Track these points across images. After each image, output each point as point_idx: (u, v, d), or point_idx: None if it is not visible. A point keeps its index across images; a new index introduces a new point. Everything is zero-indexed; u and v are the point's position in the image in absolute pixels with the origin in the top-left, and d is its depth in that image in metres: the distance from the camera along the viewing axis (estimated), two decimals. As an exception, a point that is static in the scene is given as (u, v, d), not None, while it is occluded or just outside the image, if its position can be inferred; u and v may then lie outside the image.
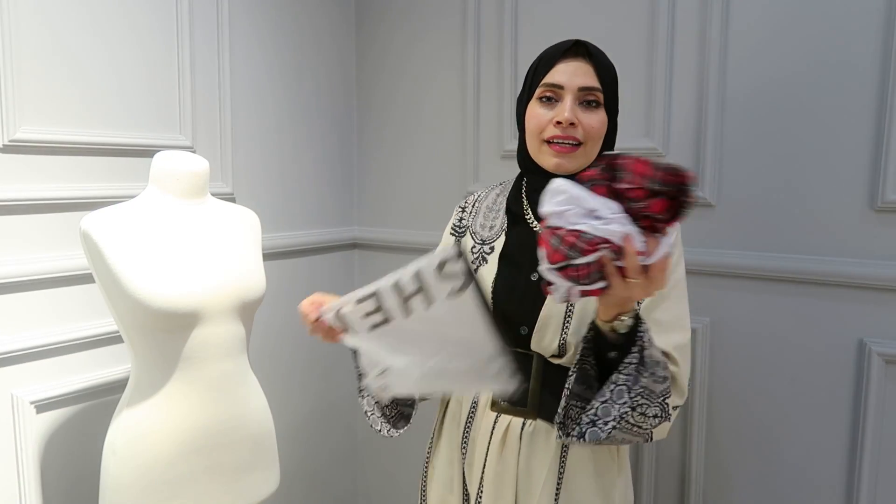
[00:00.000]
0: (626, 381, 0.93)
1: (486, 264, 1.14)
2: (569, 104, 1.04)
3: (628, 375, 0.93)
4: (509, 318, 1.08)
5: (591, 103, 1.05)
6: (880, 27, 1.30)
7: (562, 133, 1.04)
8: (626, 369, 0.93)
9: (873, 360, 1.34)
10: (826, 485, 1.42)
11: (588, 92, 1.05)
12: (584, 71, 1.05)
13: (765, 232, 1.44)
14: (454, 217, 1.26)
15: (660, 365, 0.95)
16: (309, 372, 2.05)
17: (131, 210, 1.24)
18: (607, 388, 0.94)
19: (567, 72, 1.05)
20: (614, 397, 0.94)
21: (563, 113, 1.03)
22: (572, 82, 1.05)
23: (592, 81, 1.05)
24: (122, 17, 1.50)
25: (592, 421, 0.95)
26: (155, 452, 1.21)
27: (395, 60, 2.04)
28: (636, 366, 0.93)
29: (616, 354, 0.95)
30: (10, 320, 1.35)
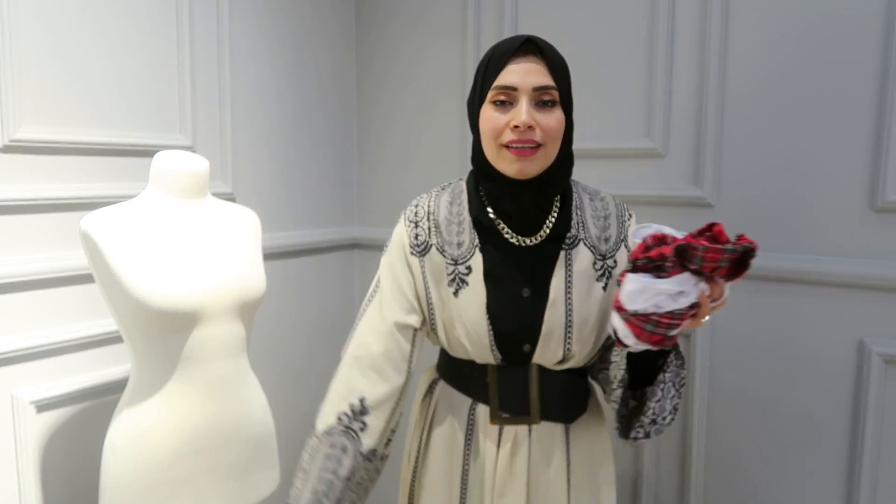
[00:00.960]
0: (672, 377, 1.00)
1: (468, 286, 1.06)
2: (524, 106, 0.97)
3: (672, 372, 0.99)
4: (510, 338, 1.06)
5: (547, 103, 0.98)
6: (880, 27, 1.30)
7: (519, 137, 0.97)
8: (670, 367, 0.99)
9: (873, 360, 1.34)
10: (826, 485, 1.42)
11: (543, 91, 0.98)
12: (536, 70, 0.98)
13: (765, 232, 1.44)
14: (406, 235, 1.11)
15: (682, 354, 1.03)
16: (309, 372, 2.05)
17: (131, 210, 1.24)
18: (658, 388, 1.00)
19: (519, 72, 0.98)
20: (665, 394, 1.00)
21: (521, 116, 0.96)
22: (526, 82, 0.97)
23: (547, 80, 0.98)
24: (123, 17, 1.50)
25: (653, 420, 1.01)
26: (155, 452, 1.21)
27: (395, 60, 2.04)
28: (677, 361, 1.00)
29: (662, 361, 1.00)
30: (10, 320, 1.35)
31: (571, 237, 1.07)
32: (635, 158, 1.58)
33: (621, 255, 1.09)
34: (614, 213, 1.11)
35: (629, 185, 1.59)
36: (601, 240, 1.08)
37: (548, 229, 1.06)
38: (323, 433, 1.11)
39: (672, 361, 0.99)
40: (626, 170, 1.57)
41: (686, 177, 1.53)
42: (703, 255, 0.84)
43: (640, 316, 0.88)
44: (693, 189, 1.52)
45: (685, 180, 1.53)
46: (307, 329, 2.04)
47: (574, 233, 1.07)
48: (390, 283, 1.11)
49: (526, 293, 1.05)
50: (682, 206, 1.52)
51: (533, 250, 1.06)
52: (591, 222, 1.09)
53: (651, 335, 0.89)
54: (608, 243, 1.09)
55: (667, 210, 1.53)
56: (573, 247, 1.06)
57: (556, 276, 1.05)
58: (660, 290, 0.86)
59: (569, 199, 1.08)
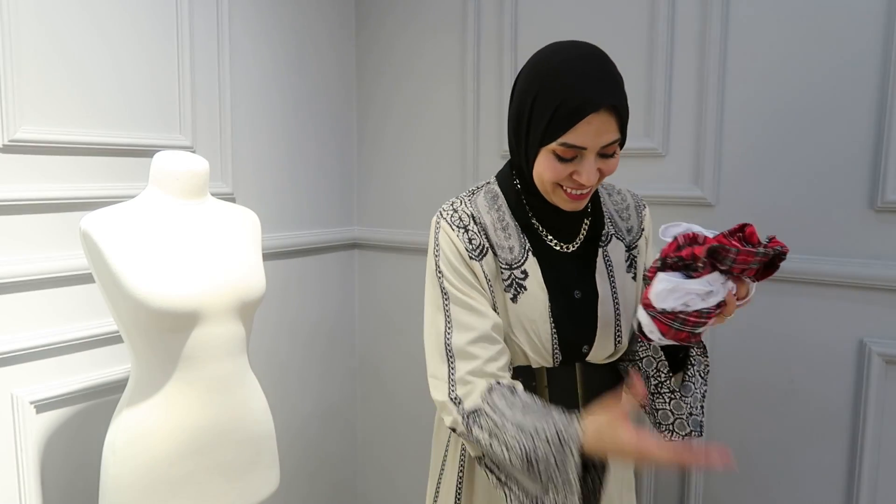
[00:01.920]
0: (699, 369, 1.06)
1: (526, 291, 1.04)
2: (591, 165, 0.95)
3: (698, 363, 1.05)
4: (572, 340, 1.07)
5: (611, 154, 0.97)
6: (880, 27, 1.30)
7: (576, 186, 0.98)
8: (696, 359, 1.05)
9: (873, 360, 1.34)
10: (826, 485, 1.42)
11: (610, 146, 0.96)
12: (607, 129, 0.93)
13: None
14: (458, 241, 1.05)
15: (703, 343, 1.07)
16: (309, 372, 2.05)
17: (131, 210, 1.24)
18: (690, 384, 1.05)
19: (590, 133, 0.93)
20: (697, 387, 1.05)
21: (587, 176, 0.95)
22: (596, 143, 0.94)
23: (616, 135, 0.95)
24: (123, 17, 1.50)
25: (690, 413, 1.05)
26: (155, 452, 1.21)
27: (396, 60, 2.04)
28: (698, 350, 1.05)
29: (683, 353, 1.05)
30: (10, 320, 1.35)
31: (606, 234, 1.11)
32: (635, 158, 1.58)
33: (641, 244, 1.14)
34: (632, 204, 1.17)
35: (629, 185, 1.57)
36: (626, 231, 1.13)
37: (584, 232, 1.10)
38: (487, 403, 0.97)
39: (696, 354, 1.04)
40: (626, 170, 1.56)
41: (686, 177, 1.53)
42: (735, 258, 0.86)
43: (668, 314, 0.89)
44: (693, 189, 1.52)
45: (685, 180, 1.53)
46: (307, 329, 2.04)
47: (607, 230, 1.11)
48: (466, 289, 1.04)
49: (577, 295, 1.07)
50: (682, 206, 1.52)
51: (574, 254, 1.09)
52: (616, 216, 1.14)
53: (678, 332, 0.91)
54: (631, 234, 1.13)
55: (667, 210, 1.53)
56: (608, 243, 1.11)
57: (600, 275, 1.08)
58: (690, 290, 0.87)
59: (597, 200, 1.13)
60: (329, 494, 2.17)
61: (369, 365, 2.20)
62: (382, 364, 2.16)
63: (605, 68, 0.97)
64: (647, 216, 1.17)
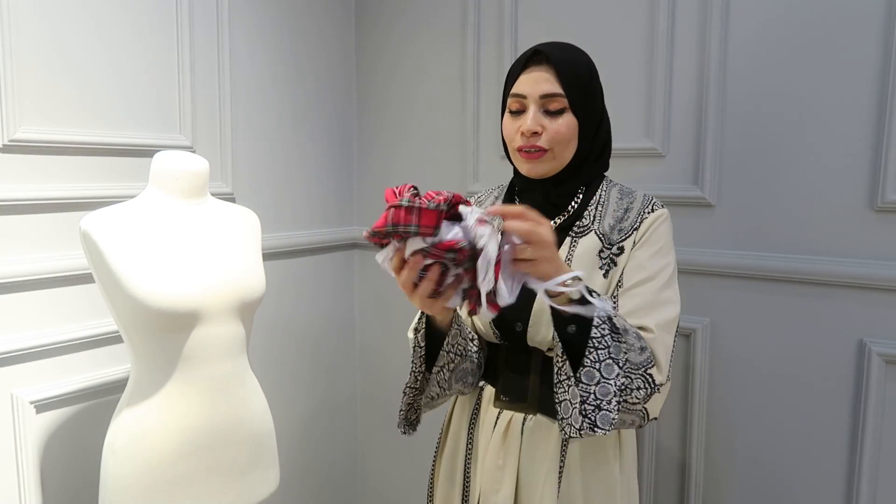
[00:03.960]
0: (608, 354, 0.93)
1: None
2: (531, 114, 1.06)
3: (606, 347, 0.93)
4: (505, 316, 1.09)
5: (555, 110, 1.06)
6: (880, 27, 1.30)
7: (526, 143, 1.07)
8: (602, 342, 0.93)
9: (873, 360, 1.34)
10: (826, 485, 1.42)
11: (550, 99, 1.05)
12: (544, 78, 1.05)
13: (765, 232, 1.44)
14: None
15: (630, 333, 0.97)
16: (309, 372, 2.05)
17: (131, 210, 1.24)
18: (594, 369, 0.93)
19: (529, 81, 1.07)
20: (605, 374, 0.93)
21: (526, 123, 1.06)
22: (534, 91, 1.06)
23: (554, 88, 1.05)
24: (123, 17, 1.50)
25: (597, 406, 0.93)
26: (155, 452, 1.21)
27: (395, 60, 2.04)
28: (610, 335, 0.93)
29: (575, 328, 0.94)
30: (10, 320, 1.35)
31: (582, 227, 1.11)
32: (635, 158, 1.58)
33: (627, 245, 1.10)
34: (637, 207, 1.13)
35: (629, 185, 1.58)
36: (615, 230, 1.10)
37: (559, 220, 1.12)
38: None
39: (605, 336, 0.92)
40: (626, 170, 1.57)
41: (686, 177, 1.53)
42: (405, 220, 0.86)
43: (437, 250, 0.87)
44: (693, 189, 1.52)
45: (685, 180, 1.53)
46: (307, 329, 2.04)
47: (587, 223, 1.11)
48: None
49: None
50: (682, 206, 1.52)
51: None
52: (610, 216, 1.12)
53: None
54: (621, 234, 1.11)
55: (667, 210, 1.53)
56: (581, 236, 1.10)
57: None
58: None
59: (591, 194, 1.13)
60: (329, 494, 2.17)
61: (369, 365, 2.20)
62: (382, 364, 2.16)
63: (565, 44, 1.10)
64: (650, 220, 1.10)
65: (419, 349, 1.11)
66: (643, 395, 0.97)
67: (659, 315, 1.04)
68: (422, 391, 1.14)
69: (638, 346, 0.97)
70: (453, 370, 1.10)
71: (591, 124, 1.10)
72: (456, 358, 1.09)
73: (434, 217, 0.86)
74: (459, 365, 1.11)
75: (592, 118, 1.10)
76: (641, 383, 0.97)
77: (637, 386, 0.97)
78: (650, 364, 0.98)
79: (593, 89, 1.10)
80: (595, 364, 0.93)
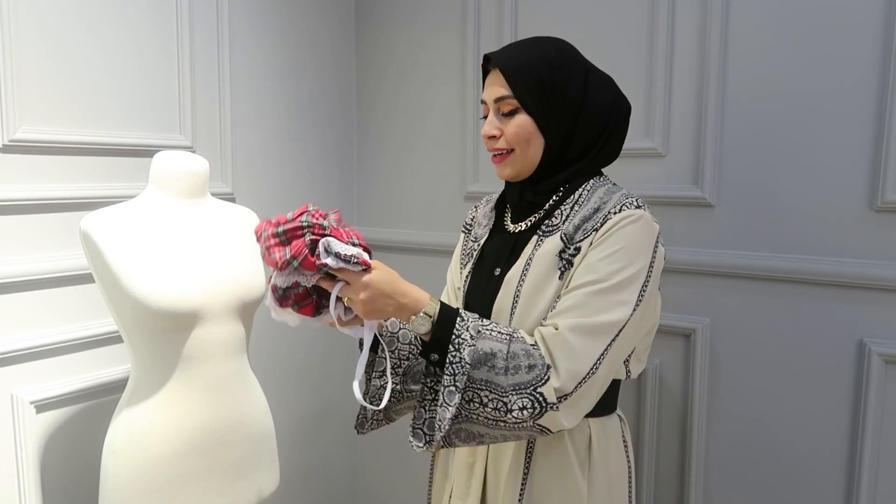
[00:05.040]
0: (453, 381, 0.95)
1: (472, 260, 1.21)
2: (489, 118, 1.10)
3: (452, 375, 0.94)
4: (471, 310, 1.10)
5: (508, 112, 1.08)
6: (880, 27, 1.30)
7: (488, 146, 1.11)
8: (450, 368, 0.95)
9: (873, 360, 1.34)
10: (826, 485, 1.42)
11: (501, 102, 1.08)
12: (496, 83, 1.08)
13: (764, 232, 1.44)
14: (467, 215, 1.31)
15: (508, 356, 0.96)
16: (308, 372, 2.05)
17: (131, 210, 1.24)
18: (441, 393, 0.95)
19: (487, 87, 1.10)
20: (446, 399, 0.95)
21: (484, 128, 1.10)
22: (489, 96, 1.09)
23: (502, 91, 1.07)
24: (123, 18, 1.50)
25: (437, 426, 0.96)
26: (155, 452, 1.21)
27: (395, 60, 2.04)
28: (460, 363, 0.94)
29: (437, 357, 0.98)
30: (10, 320, 1.35)
31: (551, 227, 1.08)
32: (635, 158, 1.58)
33: (584, 245, 1.04)
34: (608, 207, 1.05)
35: (629, 185, 1.58)
36: (578, 230, 1.05)
37: (532, 219, 1.12)
38: None
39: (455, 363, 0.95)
40: (626, 170, 1.57)
41: (686, 177, 1.53)
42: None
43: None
44: (693, 189, 1.52)
45: (685, 180, 1.53)
46: (307, 329, 2.03)
47: (556, 223, 1.08)
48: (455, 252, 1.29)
49: (497, 272, 1.13)
50: (682, 206, 1.52)
51: (518, 236, 1.14)
52: (579, 216, 1.06)
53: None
54: (583, 233, 1.04)
55: (667, 210, 1.53)
56: (547, 235, 1.08)
57: (521, 259, 1.09)
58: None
59: (568, 193, 1.09)
60: (329, 494, 2.17)
61: (369, 365, 2.20)
62: (382, 364, 2.16)
63: (524, 42, 1.12)
64: (614, 221, 1.02)
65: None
66: (528, 414, 0.94)
67: (584, 317, 0.97)
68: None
69: (526, 364, 0.95)
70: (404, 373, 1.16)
71: (556, 118, 1.06)
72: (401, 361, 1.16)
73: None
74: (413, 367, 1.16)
75: (557, 112, 1.06)
76: (528, 402, 0.94)
77: (521, 406, 0.94)
78: (539, 382, 0.94)
79: (557, 84, 1.05)
80: (442, 388, 0.96)
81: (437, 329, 0.98)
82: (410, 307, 0.99)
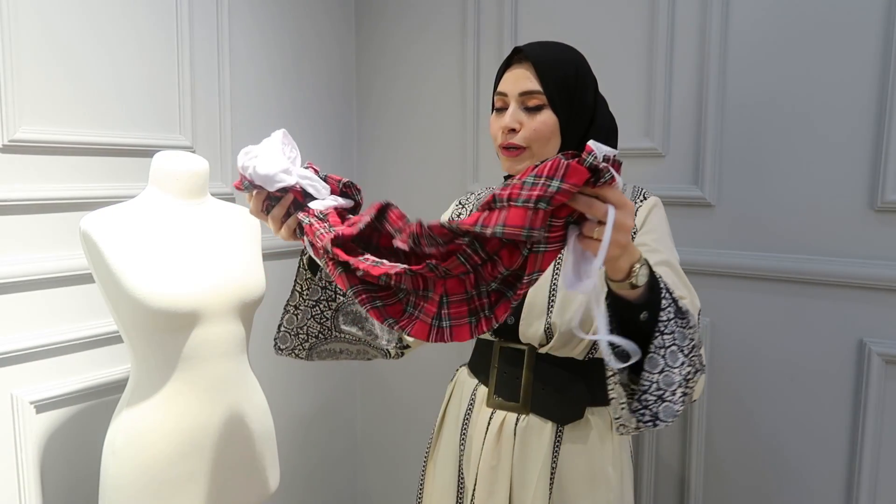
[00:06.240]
0: (674, 339, 0.83)
1: None
2: (511, 111, 1.08)
3: (672, 333, 0.82)
4: None
5: (533, 107, 1.07)
6: (880, 27, 1.30)
7: (504, 140, 1.09)
8: (668, 326, 0.82)
9: (873, 360, 1.34)
10: (826, 485, 1.42)
11: (528, 96, 1.07)
12: (524, 76, 1.07)
13: (764, 232, 1.44)
14: (451, 211, 1.28)
15: (690, 313, 0.86)
16: (309, 372, 2.05)
17: (131, 210, 1.24)
18: (658, 356, 0.82)
19: (510, 79, 1.09)
20: (669, 362, 0.83)
21: (504, 120, 1.08)
22: (514, 89, 1.08)
23: (532, 85, 1.06)
24: (123, 18, 1.50)
25: (659, 397, 0.83)
26: (155, 452, 1.21)
27: (395, 60, 2.04)
28: (675, 319, 0.83)
29: (647, 315, 0.83)
30: (10, 320, 1.35)
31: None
32: (635, 158, 1.58)
33: None
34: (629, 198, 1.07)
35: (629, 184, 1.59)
36: None
37: None
38: None
39: (670, 319, 0.83)
40: (626, 170, 1.56)
41: (686, 177, 1.53)
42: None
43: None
44: (693, 189, 1.52)
45: (685, 180, 1.53)
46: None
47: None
48: None
49: None
50: (682, 206, 1.52)
51: None
52: None
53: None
54: None
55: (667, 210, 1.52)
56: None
57: None
58: None
59: None
60: (329, 494, 2.17)
61: (369, 365, 2.20)
62: (383, 364, 2.16)
63: (551, 42, 1.11)
64: (645, 208, 1.09)
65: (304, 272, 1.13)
66: (698, 377, 0.87)
67: (691, 293, 1.01)
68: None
69: (694, 323, 0.87)
70: (337, 308, 1.12)
71: (575, 122, 1.08)
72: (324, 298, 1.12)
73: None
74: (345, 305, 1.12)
75: (577, 116, 1.08)
76: (698, 366, 0.87)
77: (696, 370, 0.87)
78: (700, 344, 0.88)
79: (580, 87, 1.08)
80: (659, 351, 0.82)
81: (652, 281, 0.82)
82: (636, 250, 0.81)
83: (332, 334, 1.15)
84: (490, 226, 0.71)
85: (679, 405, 0.84)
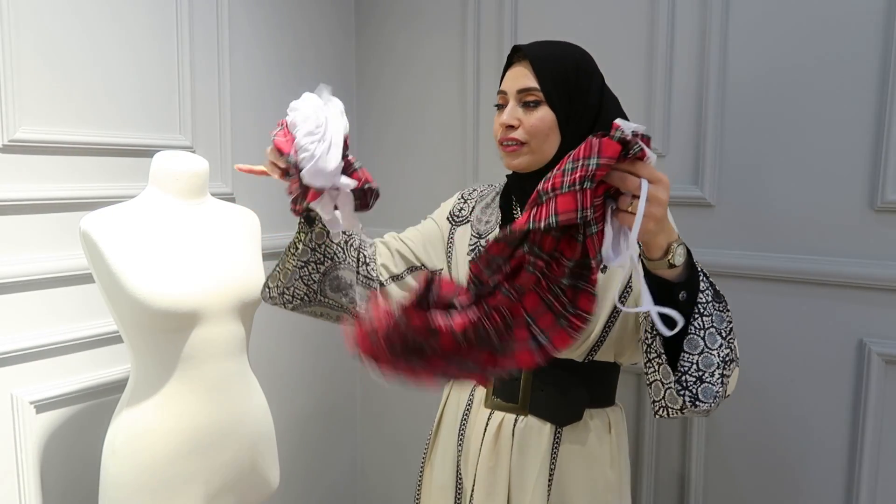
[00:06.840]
0: (712, 321, 0.84)
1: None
2: (509, 107, 1.09)
3: (710, 315, 0.84)
4: None
5: (530, 103, 1.08)
6: (880, 27, 1.30)
7: (503, 136, 1.10)
8: (706, 308, 0.83)
9: (873, 360, 1.34)
10: (826, 484, 1.42)
11: (526, 93, 1.08)
12: (522, 74, 1.09)
13: (765, 232, 1.44)
14: (454, 205, 1.26)
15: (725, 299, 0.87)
16: (309, 372, 2.05)
17: (131, 210, 1.24)
18: (697, 337, 0.83)
19: (510, 77, 1.11)
20: (708, 343, 0.84)
21: (502, 116, 1.10)
22: (512, 86, 1.09)
23: (529, 82, 1.07)
24: (122, 18, 1.50)
25: (699, 378, 0.84)
26: (154, 452, 1.21)
27: (395, 60, 2.04)
28: (713, 302, 0.84)
29: (685, 295, 0.83)
30: (9, 320, 1.35)
31: None
32: (635, 158, 1.57)
33: None
34: None
35: (629, 185, 1.59)
36: None
37: None
38: None
39: (708, 302, 0.84)
40: (626, 170, 1.57)
41: (686, 177, 1.53)
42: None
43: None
44: (693, 189, 1.52)
45: (685, 180, 1.53)
46: (307, 329, 2.04)
47: None
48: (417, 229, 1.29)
49: None
50: (682, 206, 1.52)
51: None
52: None
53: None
54: None
55: (667, 210, 1.53)
56: None
57: None
58: None
59: None
60: (329, 494, 2.17)
61: (369, 365, 2.20)
62: (382, 364, 2.16)
63: (553, 41, 1.12)
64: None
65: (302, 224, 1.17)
66: (734, 365, 0.88)
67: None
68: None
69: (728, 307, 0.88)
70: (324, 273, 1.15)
71: (576, 118, 1.08)
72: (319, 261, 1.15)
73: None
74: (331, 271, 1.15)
75: (578, 113, 1.08)
76: (735, 354, 0.88)
77: (732, 359, 0.87)
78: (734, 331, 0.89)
79: (580, 83, 1.08)
80: (699, 332, 0.83)
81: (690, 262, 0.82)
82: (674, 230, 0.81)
83: (317, 298, 1.17)
84: (542, 219, 0.73)
85: (718, 387, 0.84)
